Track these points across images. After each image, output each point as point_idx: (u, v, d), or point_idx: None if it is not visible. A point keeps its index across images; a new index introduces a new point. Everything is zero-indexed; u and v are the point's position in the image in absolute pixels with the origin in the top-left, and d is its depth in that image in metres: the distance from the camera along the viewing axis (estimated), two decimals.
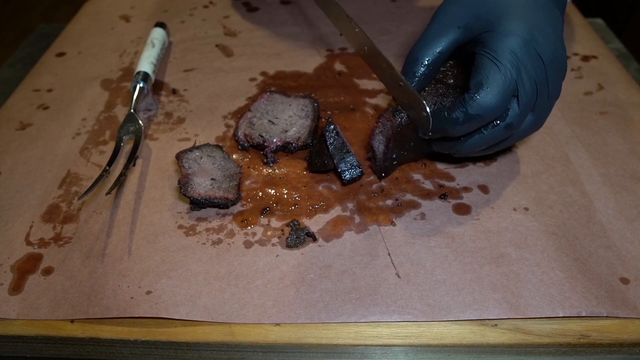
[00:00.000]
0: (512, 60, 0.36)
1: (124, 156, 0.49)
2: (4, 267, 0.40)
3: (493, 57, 0.37)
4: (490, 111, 0.37)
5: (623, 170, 0.47)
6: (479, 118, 0.37)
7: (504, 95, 0.36)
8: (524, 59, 0.36)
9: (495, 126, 0.38)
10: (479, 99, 0.36)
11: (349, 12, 0.73)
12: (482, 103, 0.36)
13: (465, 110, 0.37)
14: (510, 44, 0.37)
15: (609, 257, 0.40)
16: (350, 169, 0.44)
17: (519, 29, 0.37)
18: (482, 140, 0.40)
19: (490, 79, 0.36)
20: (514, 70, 0.36)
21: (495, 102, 0.36)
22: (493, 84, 0.36)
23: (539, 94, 0.38)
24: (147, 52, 0.60)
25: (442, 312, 0.36)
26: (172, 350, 0.37)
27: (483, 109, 0.37)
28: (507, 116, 0.38)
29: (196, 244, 0.41)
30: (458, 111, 0.37)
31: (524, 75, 0.37)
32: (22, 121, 0.56)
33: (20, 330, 0.37)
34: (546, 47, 0.37)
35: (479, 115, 0.37)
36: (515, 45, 0.36)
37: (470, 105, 0.37)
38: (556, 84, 0.39)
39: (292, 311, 0.36)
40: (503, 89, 0.36)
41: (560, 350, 0.36)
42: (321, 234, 0.42)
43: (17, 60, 0.74)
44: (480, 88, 0.37)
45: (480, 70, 0.37)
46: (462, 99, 0.37)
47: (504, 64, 0.36)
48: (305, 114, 0.51)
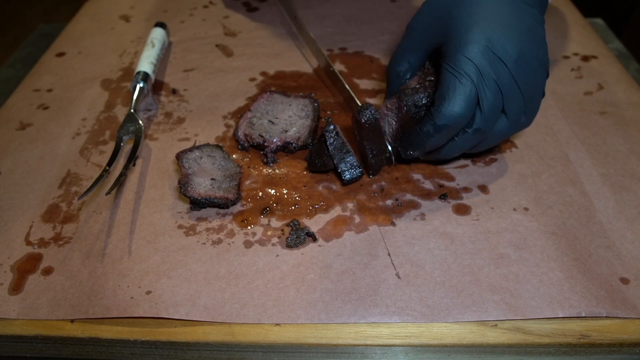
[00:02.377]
0: (470, 69, 0.38)
1: (124, 156, 0.49)
2: (4, 267, 0.40)
3: (452, 69, 0.39)
4: (456, 120, 0.39)
5: (623, 170, 0.47)
6: (446, 128, 0.39)
7: (467, 104, 0.38)
8: (483, 65, 0.38)
9: (464, 133, 0.40)
10: (442, 110, 0.39)
11: (349, 12, 0.73)
12: (446, 114, 0.38)
13: (434, 122, 0.39)
14: (467, 53, 0.38)
15: (609, 257, 0.40)
16: (350, 169, 0.44)
17: (475, 37, 0.38)
18: (455, 146, 0.42)
19: (450, 90, 0.38)
20: (473, 78, 0.38)
21: (458, 111, 0.38)
22: (454, 95, 0.38)
23: (506, 96, 0.39)
24: (147, 52, 0.60)
25: (442, 313, 0.36)
26: (172, 350, 0.37)
27: (449, 119, 0.39)
28: (474, 122, 0.40)
29: (196, 244, 0.41)
30: (427, 125, 0.40)
31: (484, 81, 0.38)
32: (22, 121, 0.56)
33: (20, 330, 0.37)
34: (508, 49, 0.38)
35: (445, 125, 0.39)
36: (472, 54, 0.38)
37: (437, 117, 0.39)
38: (530, 83, 0.39)
39: (292, 311, 0.36)
40: (464, 98, 0.38)
41: (560, 350, 0.36)
42: (321, 234, 0.42)
43: (17, 60, 0.74)
44: (444, 100, 0.39)
45: (442, 83, 0.39)
46: (429, 113, 0.40)
47: (462, 74, 0.38)
48: (305, 114, 0.51)
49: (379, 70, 0.61)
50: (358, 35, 0.67)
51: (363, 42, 0.66)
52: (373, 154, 0.45)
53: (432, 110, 0.39)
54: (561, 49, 0.63)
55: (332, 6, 0.75)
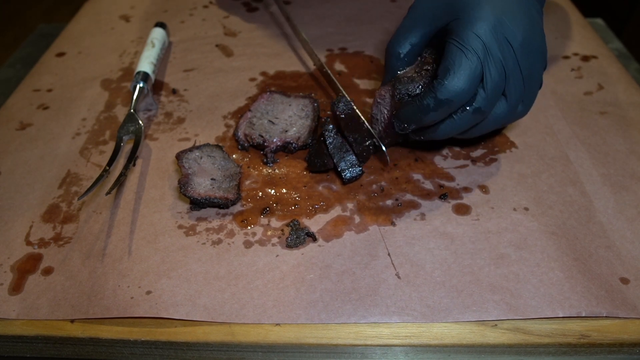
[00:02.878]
0: (477, 45, 0.37)
1: (124, 156, 0.49)
2: (4, 267, 0.40)
3: (459, 44, 0.38)
4: (458, 95, 0.38)
5: (623, 170, 0.47)
6: (448, 103, 0.38)
7: (471, 80, 0.37)
8: (491, 43, 0.37)
9: (464, 111, 0.39)
10: (446, 83, 0.37)
11: (349, 12, 0.73)
12: (449, 87, 0.37)
13: (435, 96, 0.38)
14: (476, 29, 0.37)
15: (609, 257, 0.40)
16: (350, 167, 0.44)
17: (485, 14, 0.38)
18: (453, 125, 0.40)
19: (456, 64, 0.37)
20: (480, 54, 0.37)
21: (462, 86, 0.37)
22: (459, 69, 0.37)
23: (509, 79, 0.39)
24: (147, 52, 0.60)
25: (442, 313, 0.36)
26: (172, 350, 0.37)
27: (451, 93, 0.38)
28: (475, 101, 0.39)
29: (196, 244, 0.41)
30: (428, 98, 0.39)
31: (490, 59, 0.37)
32: (22, 121, 0.56)
33: (20, 330, 0.37)
34: (515, 32, 0.38)
35: (447, 99, 0.38)
36: (481, 31, 0.37)
37: (439, 90, 0.38)
38: (531, 70, 0.39)
39: (292, 311, 0.36)
40: (469, 73, 0.37)
41: (560, 350, 0.36)
42: (321, 234, 0.42)
43: (17, 60, 0.74)
44: (447, 73, 0.38)
45: (447, 57, 0.38)
46: (431, 86, 0.39)
47: (469, 49, 0.37)
48: (305, 114, 0.51)
49: (379, 70, 0.61)
50: (358, 35, 0.67)
51: (363, 42, 0.66)
52: (357, 142, 0.45)
53: (435, 83, 0.38)
54: (561, 49, 0.63)
55: (332, 6, 0.75)
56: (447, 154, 0.49)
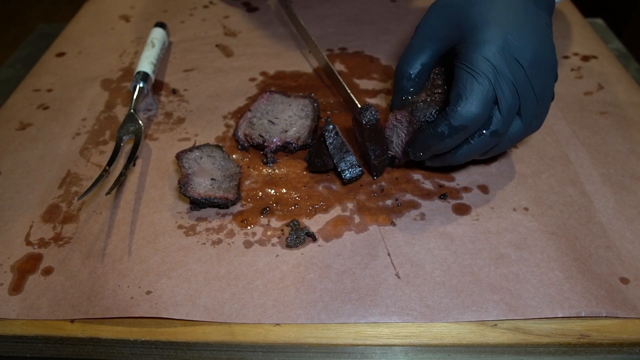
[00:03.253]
0: (487, 68, 0.37)
1: (124, 156, 0.49)
2: (4, 267, 0.40)
3: (469, 68, 0.37)
4: (473, 121, 0.37)
5: (623, 170, 0.47)
6: (463, 129, 0.38)
7: (484, 104, 0.37)
8: (501, 65, 0.37)
9: (480, 135, 0.39)
10: (459, 110, 0.37)
11: (349, 12, 0.73)
12: (463, 114, 0.37)
13: (449, 123, 0.38)
14: (485, 52, 0.37)
15: (608, 257, 0.40)
16: (350, 168, 0.44)
17: (492, 36, 0.37)
18: (471, 150, 0.40)
19: (467, 89, 0.37)
20: (491, 78, 0.37)
21: (476, 111, 0.37)
22: (472, 94, 0.37)
23: (522, 98, 0.38)
24: (147, 52, 0.60)
25: (442, 313, 0.36)
26: (172, 350, 0.37)
27: (465, 119, 0.37)
28: (491, 124, 0.38)
29: (196, 244, 0.41)
30: (442, 125, 0.38)
31: (502, 81, 0.37)
32: (22, 121, 0.56)
33: (20, 330, 0.37)
34: (524, 50, 0.37)
35: (462, 126, 0.38)
36: (489, 54, 0.37)
37: (453, 117, 0.37)
38: (543, 85, 0.39)
39: (292, 311, 0.36)
40: (482, 98, 0.37)
41: (560, 350, 0.36)
42: (321, 234, 0.42)
43: (17, 60, 0.74)
44: (460, 99, 0.37)
45: (458, 83, 0.38)
46: (444, 113, 0.38)
47: (480, 73, 0.37)
48: (305, 114, 0.51)
49: (379, 70, 0.61)
50: (358, 35, 0.67)
51: (363, 42, 0.66)
52: (376, 154, 0.45)
53: (448, 110, 0.38)
54: (561, 49, 0.63)
55: (332, 6, 0.75)
56: None
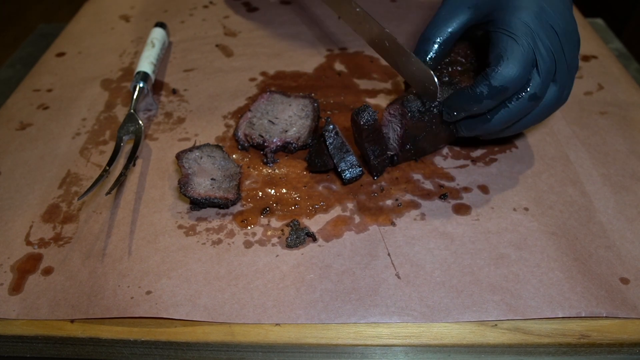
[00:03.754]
0: (526, 32, 0.38)
1: (124, 156, 0.49)
2: (4, 267, 0.40)
3: (508, 32, 0.38)
4: (513, 82, 0.38)
5: (623, 170, 0.47)
6: (503, 90, 0.38)
7: (525, 65, 0.38)
8: (538, 30, 0.38)
9: (519, 98, 0.39)
10: (500, 70, 0.38)
11: None
12: (504, 74, 0.38)
13: (489, 83, 0.38)
14: (523, 17, 0.38)
15: (609, 257, 0.40)
16: (350, 168, 0.44)
17: (528, 3, 0.39)
18: (509, 114, 0.40)
19: (509, 51, 0.38)
20: (530, 40, 0.38)
21: (516, 72, 0.37)
22: (512, 56, 0.38)
23: (558, 63, 0.39)
24: (147, 52, 0.60)
25: (442, 314, 0.36)
26: (172, 350, 0.37)
27: (506, 80, 0.38)
28: (530, 86, 0.39)
29: (196, 244, 0.41)
30: (482, 85, 0.38)
31: (540, 45, 0.38)
32: (22, 121, 0.56)
33: (20, 330, 0.37)
34: (557, 19, 0.39)
35: (502, 87, 0.38)
36: (527, 18, 0.38)
37: (493, 77, 0.38)
38: (572, 55, 0.40)
39: (292, 311, 0.36)
40: (523, 59, 0.38)
41: (560, 350, 0.36)
42: (321, 234, 0.42)
43: (17, 60, 0.74)
44: (501, 60, 0.38)
45: (498, 45, 0.39)
46: (484, 74, 0.38)
47: (520, 36, 0.38)
48: (305, 114, 0.51)
49: (379, 70, 0.61)
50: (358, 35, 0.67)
51: (363, 42, 0.66)
52: (375, 155, 0.45)
53: (488, 71, 0.38)
54: None
55: None
56: (447, 154, 0.49)
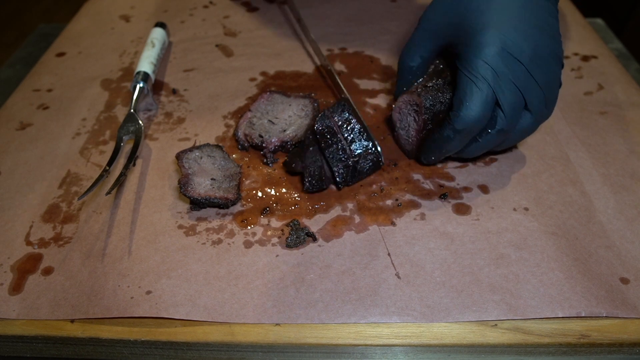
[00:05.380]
0: (486, 72, 0.38)
1: (124, 156, 0.49)
2: (4, 267, 0.40)
3: (469, 73, 0.39)
4: (475, 123, 0.39)
5: (623, 170, 0.47)
6: (467, 131, 0.40)
7: (485, 107, 0.39)
8: (499, 67, 0.38)
9: (487, 134, 0.41)
10: (461, 115, 0.39)
11: (349, 12, 0.73)
12: (465, 118, 0.39)
13: (453, 127, 0.40)
14: (483, 56, 0.38)
15: (609, 257, 0.40)
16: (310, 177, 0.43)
17: (490, 39, 0.38)
18: (479, 147, 0.42)
19: (468, 94, 0.39)
20: (490, 81, 0.38)
21: (476, 115, 0.39)
22: (471, 99, 0.38)
23: (527, 93, 0.39)
24: (147, 52, 0.60)
25: (442, 313, 0.36)
26: (172, 350, 0.37)
27: (467, 123, 0.39)
28: (496, 123, 0.40)
29: (196, 244, 0.41)
30: (447, 130, 0.41)
31: (502, 82, 0.38)
32: (22, 121, 0.56)
33: (20, 330, 0.37)
34: (524, 47, 0.38)
35: (465, 129, 0.40)
36: (488, 57, 0.38)
37: (456, 122, 0.39)
38: (548, 76, 0.40)
39: (292, 311, 0.36)
40: (482, 102, 0.38)
41: (560, 350, 0.36)
42: (321, 234, 0.42)
43: (17, 60, 0.74)
44: (461, 105, 0.39)
45: (459, 88, 0.40)
46: (447, 118, 0.40)
47: (479, 77, 0.38)
48: (305, 114, 0.51)
49: (379, 70, 0.61)
50: (358, 35, 0.67)
51: (363, 42, 0.66)
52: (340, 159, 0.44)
53: (451, 115, 0.40)
54: None
55: (332, 6, 0.75)
56: None
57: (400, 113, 0.47)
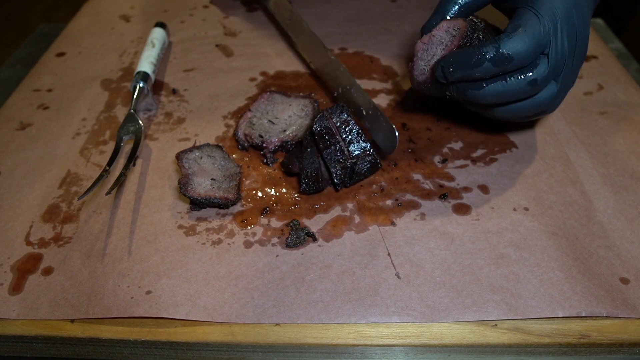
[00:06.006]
0: (552, 17, 0.38)
1: (124, 156, 0.49)
2: (4, 267, 0.40)
3: (535, 10, 0.38)
4: (520, 54, 0.37)
5: (623, 170, 0.47)
6: (507, 59, 0.37)
7: (537, 44, 0.37)
8: (563, 22, 0.38)
9: (519, 77, 0.39)
10: (513, 38, 0.37)
11: (349, 12, 0.73)
12: (515, 43, 0.37)
13: (497, 47, 0.37)
14: (554, 4, 0.38)
15: (609, 257, 0.40)
16: (306, 179, 0.43)
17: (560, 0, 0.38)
18: (503, 88, 0.39)
19: (528, 25, 0.38)
20: (552, 25, 0.38)
21: (527, 46, 0.37)
22: (529, 30, 0.37)
23: (567, 62, 0.39)
24: (147, 52, 0.60)
25: (442, 313, 0.36)
26: (172, 350, 0.37)
27: (514, 49, 0.37)
28: (535, 71, 0.39)
29: (196, 244, 0.41)
30: (489, 47, 0.38)
31: (559, 35, 0.38)
32: (22, 121, 0.56)
33: (20, 330, 0.37)
34: (580, 25, 0.39)
35: (508, 55, 0.37)
36: (558, 8, 0.38)
37: (504, 42, 0.37)
38: (578, 62, 0.40)
39: (292, 311, 0.36)
40: (537, 37, 0.37)
41: (560, 350, 0.36)
42: (321, 234, 0.42)
43: (17, 60, 0.74)
44: (517, 29, 0.38)
45: (520, 17, 0.39)
46: (496, 37, 0.38)
47: (544, 16, 0.38)
48: (305, 114, 0.51)
49: (379, 70, 0.61)
50: (358, 35, 0.67)
51: (363, 42, 0.66)
52: (338, 160, 0.43)
53: (501, 36, 0.38)
54: None
55: (332, 6, 0.75)
56: (447, 153, 0.49)
57: (428, 42, 0.43)
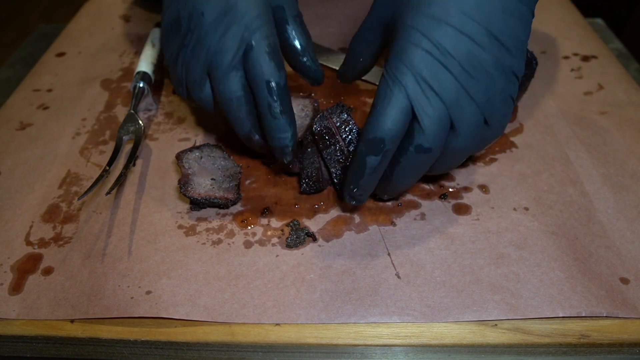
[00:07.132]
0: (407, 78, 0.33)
1: (124, 156, 0.50)
2: (4, 267, 0.40)
3: (387, 75, 0.34)
4: (384, 133, 0.34)
5: (623, 170, 0.47)
6: (378, 142, 0.34)
7: (396, 116, 0.33)
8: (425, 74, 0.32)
9: (405, 151, 0.35)
10: (372, 120, 0.34)
11: (349, 12, 0.73)
12: (374, 125, 0.34)
13: (364, 137, 0.35)
14: (405, 58, 0.33)
15: (609, 257, 0.40)
16: (307, 179, 0.44)
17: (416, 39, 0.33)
18: (403, 170, 0.36)
19: (382, 100, 0.34)
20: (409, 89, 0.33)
21: (385, 123, 0.33)
22: (383, 106, 0.33)
23: (454, 109, 0.33)
24: (147, 52, 0.60)
25: (442, 313, 0.36)
26: (172, 350, 0.37)
27: (376, 131, 0.34)
28: (414, 138, 0.34)
29: (196, 244, 0.41)
30: (360, 143, 0.35)
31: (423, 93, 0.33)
32: (22, 121, 0.56)
33: (20, 330, 0.37)
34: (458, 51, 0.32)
35: (376, 139, 0.34)
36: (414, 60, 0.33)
37: (366, 130, 0.35)
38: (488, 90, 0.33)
39: (292, 311, 0.36)
40: (394, 110, 0.33)
41: (560, 350, 0.36)
42: (321, 234, 0.42)
43: (17, 60, 0.74)
44: (374, 110, 0.34)
45: (377, 90, 0.35)
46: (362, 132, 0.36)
47: (396, 83, 0.33)
48: (305, 114, 0.51)
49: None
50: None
51: None
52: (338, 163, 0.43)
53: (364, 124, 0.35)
54: (561, 49, 0.63)
55: (332, 6, 0.75)
56: None
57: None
